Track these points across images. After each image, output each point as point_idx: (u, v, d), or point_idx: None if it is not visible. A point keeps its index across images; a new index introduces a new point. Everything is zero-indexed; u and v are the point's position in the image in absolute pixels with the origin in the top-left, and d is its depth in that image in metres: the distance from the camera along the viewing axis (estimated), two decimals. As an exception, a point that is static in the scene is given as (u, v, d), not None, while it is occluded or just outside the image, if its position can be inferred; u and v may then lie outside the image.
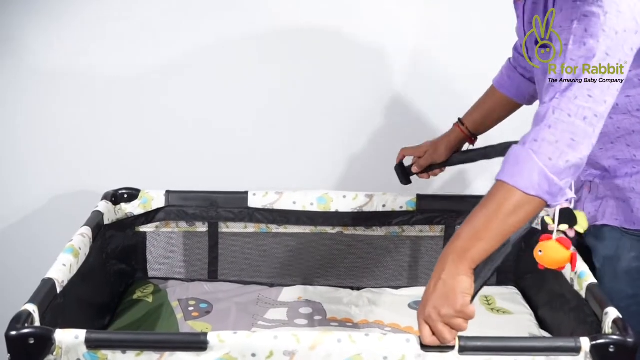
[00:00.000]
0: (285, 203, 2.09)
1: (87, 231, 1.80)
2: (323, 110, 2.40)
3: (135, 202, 2.07)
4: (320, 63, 2.35)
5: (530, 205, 1.36)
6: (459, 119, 2.01)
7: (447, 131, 2.03)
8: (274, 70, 2.36)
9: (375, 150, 2.42)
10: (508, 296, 2.05)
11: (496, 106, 1.98)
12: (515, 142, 1.42)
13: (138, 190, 2.08)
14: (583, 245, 1.82)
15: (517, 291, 2.08)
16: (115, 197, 2.04)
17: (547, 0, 1.52)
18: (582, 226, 1.50)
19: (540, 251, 1.52)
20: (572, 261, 1.53)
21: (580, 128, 1.35)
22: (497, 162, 2.42)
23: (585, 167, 1.48)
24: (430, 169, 2.04)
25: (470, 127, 1.99)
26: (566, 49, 1.39)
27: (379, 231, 2.13)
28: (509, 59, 1.97)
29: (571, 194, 1.40)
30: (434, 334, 1.35)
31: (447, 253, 1.37)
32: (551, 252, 1.51)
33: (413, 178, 2.08)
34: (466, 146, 2.03)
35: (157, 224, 2.11)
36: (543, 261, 1.53)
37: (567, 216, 1.50)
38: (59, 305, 1.56)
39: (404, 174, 2.07)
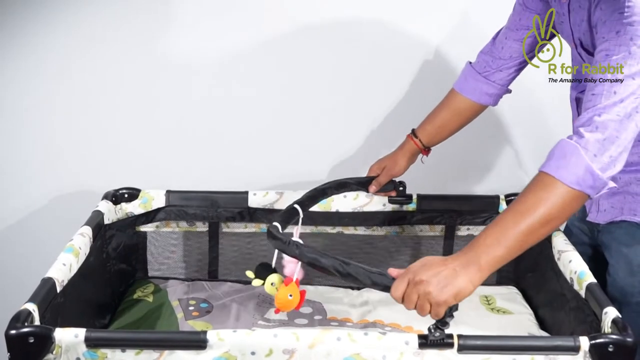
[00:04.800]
0: (286, 203, 2.08)
1: (88, 231, 1.81)
2: (324, 110, 2.40)
3: (136, 202, 2.07)
4: (321, 63, 2.35)
5: (572, 200, 1.38)
6: (413, 130, 2.03)
7: (402, 142, 2.04)
8: (274, 70, 2.36)
9: (376, 151, 2.41)
10: (508, 296, 2.05)
11: (454, 115, 1.98)
12: None
13: (138, 190, 2.08)
14: (595, 243, 1.83)
15: (517, 291, 2.08)
16: (116, 197, 2.04)
17: (590, 6, 1.55)
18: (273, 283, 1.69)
19: (291, 295, 1.64)
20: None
21: (624, 125, 1.40)
22: (496, 162, 2.45)
23: None
24: (387, 189, 2.06)
25: (424, 139, 2.01)
26: (611, 54, 1.43)
27: (379, 231, 2.13)
28: (470, 63, 1.98)
29: (612, 184, 1.42)
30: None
31: (478, 251, 1.37)
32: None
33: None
34: (419, 158, 2.06)
35: (158, 223, 2.11)
36: (295, 303, 1.66)
37: (263, 272, 1.70)
38: (58, 305, 1.57)
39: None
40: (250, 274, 1.72)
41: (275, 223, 1.64)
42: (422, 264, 1.38)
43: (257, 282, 1.70)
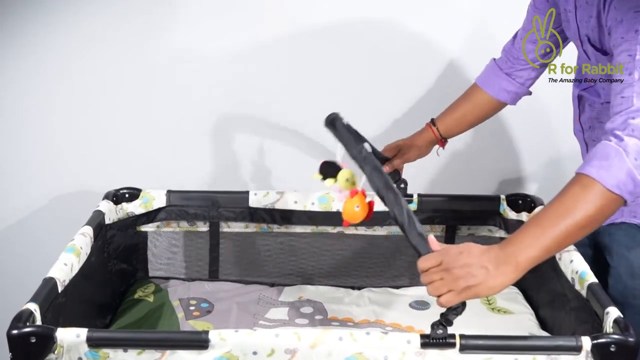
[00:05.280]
0: (286, 203, 2.09)
1: (89, 230, 1.81)
2: (324, 110, 2.38)
3: (137, 202, 2.07)
4: (321, 64, 2.35)
5: (610, 203, 1.35)
6: (432, 120, 2.02)
7: (420, 129, 2.04)
8: (274, 70, 2.36)
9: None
10: (509, 296, 2.04)
11: (474, 108, 1.99)
12: None
13: (139, 190, 2.08)
14: (595, 245, 1.83)
15: (517, 291, 2.08)
16: (117, 197, 2.04)
17: (599, 3, 1.53)
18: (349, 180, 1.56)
19: (357, 206, 1.54)
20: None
21: None
22: (496, 162, 2.45)
23: None
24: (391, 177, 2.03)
25: (442, 129, 2.00)
26: (634, 55, 1.41)
27: (380, 231, 2.13)
28: (494, 59, 1.98)
29: None
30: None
31: (514, 249, 1.35)
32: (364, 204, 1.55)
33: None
34: (435, 150, 2.05)
35: (158, 223, 2.11)
36: (363, 215, 1.55)
37: (330, 169, 1.57)
38: (60, 305, 1.57)
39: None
40: (317, 176, 1.60)
41: (340, 115, 1.56)
42: (459, 251, 1.35)
43: (329, 182, 1.57)
